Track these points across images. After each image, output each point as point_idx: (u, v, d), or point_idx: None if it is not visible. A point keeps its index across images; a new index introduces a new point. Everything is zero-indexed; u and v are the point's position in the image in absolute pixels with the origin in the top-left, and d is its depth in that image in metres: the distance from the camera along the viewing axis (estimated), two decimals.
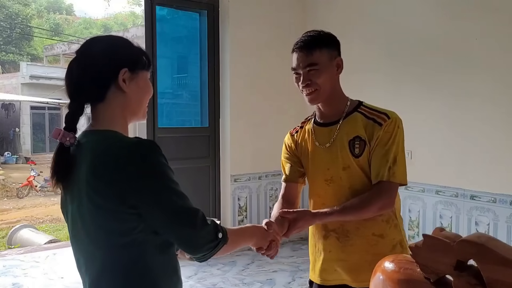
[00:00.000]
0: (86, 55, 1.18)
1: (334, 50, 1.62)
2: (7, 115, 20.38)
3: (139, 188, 1.09)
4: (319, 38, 1.60)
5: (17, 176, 16.21)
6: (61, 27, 35.51)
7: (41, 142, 21.21)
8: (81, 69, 1.17)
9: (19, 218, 12.13)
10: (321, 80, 1.58)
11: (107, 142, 1.14)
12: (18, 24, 29.07)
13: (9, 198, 14.80)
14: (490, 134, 3.36)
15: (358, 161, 1.57)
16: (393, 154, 1.53)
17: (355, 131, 1.58)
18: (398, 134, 1.56)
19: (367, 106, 1.63)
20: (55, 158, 1.16)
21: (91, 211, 1.12)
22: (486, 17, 3.36)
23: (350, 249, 1.61)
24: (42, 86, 20.04)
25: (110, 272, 1.14)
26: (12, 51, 29.02)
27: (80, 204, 1.14)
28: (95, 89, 1.17)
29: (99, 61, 1.17)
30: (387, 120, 1.55)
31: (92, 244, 1.15)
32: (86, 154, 1.13)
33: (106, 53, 1.19)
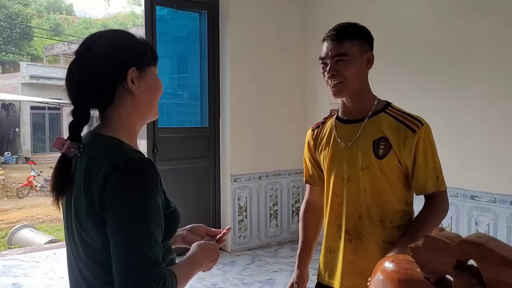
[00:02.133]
0: (87, 56, 1.06)
1: (367, 44, 1.56)
2: (7, 115, 20.38)
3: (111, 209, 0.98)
4: (352, 29, 1.54)
5: (17, 176, 16.21)
6: (61, 27, 35.51)
7: (41, 142, 21.21)
8: (83, 73, 1.04)
9: (19, 218, 12.13)
10: (348, 72, 1.50)
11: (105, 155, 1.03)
12: (18, 24, 29.06)
13: (9, 198, 14.80)
14: (490, 134, 3.36)
15: (380, 163, 1.51)
16: (437, 163, 1.54)
17: (381, 131, 1.52)
18: (433, 141, 1.54)
19: (395, 108, 1.57)
20: (56, 172, 1.06)
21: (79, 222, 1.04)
22: (486, 17, 3.36)
23: (361, 253, 1.56)
24: (42, 86, 20.05)
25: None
26: (12, 51, 29.02)
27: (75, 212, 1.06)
28: (100, 94, 1.05)
29: (102, 62, 1.05)
30: (421, 127, 1.49)
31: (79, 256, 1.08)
32: (85, 160, 1.05)
33: (110, 52, 1.06)
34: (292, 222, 5.01)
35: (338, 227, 1.61)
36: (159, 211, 1.02)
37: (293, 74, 4.89)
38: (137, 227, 0.97)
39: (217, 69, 4.59)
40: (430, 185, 1.51)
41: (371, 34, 1.59)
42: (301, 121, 5.00)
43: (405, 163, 1.51)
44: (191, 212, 4.53)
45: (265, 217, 4.83)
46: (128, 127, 1.11)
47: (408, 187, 1.56)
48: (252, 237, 4.74)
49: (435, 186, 1.52)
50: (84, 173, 1.03)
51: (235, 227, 4.62)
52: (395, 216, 1.55)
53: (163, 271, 1.00)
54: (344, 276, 1.59)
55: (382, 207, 1.54)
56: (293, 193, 5.02)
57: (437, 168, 1.53)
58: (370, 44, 1.58)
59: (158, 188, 1.03)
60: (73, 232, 1.07)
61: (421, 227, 1.48)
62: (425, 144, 1.50)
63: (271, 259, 4.39)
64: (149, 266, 0.96)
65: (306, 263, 1.78)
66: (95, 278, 1.05)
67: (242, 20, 4.55)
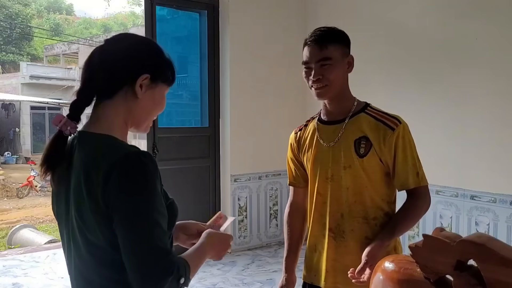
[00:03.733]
0: (113, 46, 1.12)
1: (346, 48, 1.61)
2: (7, 115, 20.38)
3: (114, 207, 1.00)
4: (334, 33, 1.59)
5: (17, 176, 16.21)
6: (61, 27, 35.52)
7: (41, 142, 21.18)
8: (102, 58, 1.10)
9: (19, 218, 12.13)
10: (333, 75, 1.56)
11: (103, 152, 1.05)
12: (18, 24, 29.06)
13: (9, 198, 14.80)
14: (490, 134, 3.35)
15: (362, 161, 1.56)
16: (416, 160, 1.58)
17: (362, 131, 1.58)
18: (411, 138, 1.59)
19: (374, 108, 1.64)
20: (49, 145, 1.07)
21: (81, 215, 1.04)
22: (486, 17, 3.36)
23: (343, 250, 1.60)
24: (42, 86, 20.06)
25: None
26: (12, 51, 29.02)
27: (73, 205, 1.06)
28: (107, 82, 1.08)
29: (122, 56, 1.10)
30: (399, 125, 1.56)
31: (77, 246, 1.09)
32: (81, 158, 1.06)
33: (135, 51, 1.11)
34: None
35: (322, 226, 1.66)
36: (161, 202, 1.05)
37: (293, 74, 4.88)
38: (144, 220, 1.00)
39: (217, 69, 4.59)
40: (411, 180, 1.56)
41: (349, 38, 1.64)
42: (301, 121, 4.96)
43: (385, 160, 1.56)
44: (191, 212, 4.52)
45: (265, 217, 4.82)
46: (120, 127, 1.12)
47: (390, 185, 1.61)
48: (252, 237, 4.74)
49: (416, 181, 1.56)
50: (83, 171, 1.04)
51: (235, 227, 4.62)
52: (377, 214, 1.59)
53: (175, 259, 1.04)
54: (328, 274, 1.64)
55: (364, 204, 1.58)
56: None
57: (417, 164, 1.58)
58: (349, 48, 1.64)
59: (158, 180, 1.05)
60: (74, 231, 1.07)
61: (401, 222, 1.55)
62: (404, 141, 1.55)
63: (271, 259, 4.39)
64: (162, 255, 1.00)
65: (293, 265, 1.85)
66: (99, 277, 1.06)
67: (242, 20, 4.55)
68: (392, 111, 1.66)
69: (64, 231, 1.12)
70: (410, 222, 1.58)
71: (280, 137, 4.88)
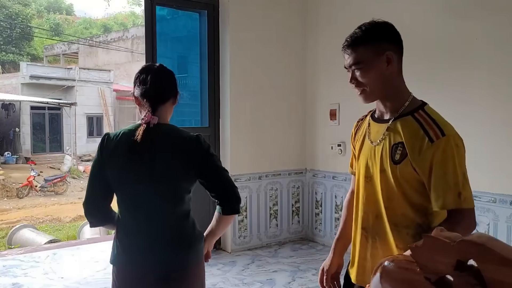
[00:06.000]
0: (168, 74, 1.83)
1: (383, 43, 1.49)
2: (7, 115, 20.39)
3: (204, 162, 1.74)
4: (364, 34, 1.49)
5: (17, 176, 16.22)
6: (61, 27, 35.52)
7: (41, 142, 21.21)
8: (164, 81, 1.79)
9: (19, 218, 12.14)
10: (367, 79, 1.48)
11: (177, 131, 1.78)
12: (18, 24, 29.07)
13: (9, 198, 14.81)
14: (490, 134, 3.36)
15: (395, 168, 1.46)
16: (460, 178, 1.41)
17: (401, 136, 1.46)
18: (458, 154, 1.41)
19: (428, 112, 1.48)
20: (142, 131, 1.67)
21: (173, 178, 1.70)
22: (486, 17, 3.36)
23: (374, 252, 1.56)
24: (42, 86, 20.05)
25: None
26: (12, 51, 29.03)
27: (163, 172, 1.68)
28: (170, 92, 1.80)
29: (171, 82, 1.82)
30: (441, 138, 1.40)
31: (173, 201, 1.73)
32: (166, 137, 1.73)
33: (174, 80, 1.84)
34: (292, 222, 5.01)
35: (356, 222, 1.63)
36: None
37: (293, 74, 4.89)
38: (223, 168, 1.80)
39: (217, 69, 4.59)
40: (449, 201, 1.39)
41: (390, 30, 1.53)
42: (301, 121, 5.00)
43: (421, 172, 1.43)
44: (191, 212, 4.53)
45: (265, 217, 4.82)
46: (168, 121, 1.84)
47: (426, 197, 1.46)
48: (252, 237, 4.74)
49: (456, 203, 1.39)
50: (174, 147, 1.71)
51: (235, 227, 4.62)
52: (410, 224, 1.49)
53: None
54: (359, 270, 1.62)
55: (396, 211, 1.50)
56: (293, 193, 5.02)
57: (459, 183, 1.41)
58: (389, 41, 1.51)
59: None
60: (162, 190, 1.69)
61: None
62: (445, 156, 1.39)
63: (271, 259, 4.39)
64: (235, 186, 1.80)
65: (341, 249, 1.78)
66: (182, 215, 1.77)
67: (242, 20, 4.55)
68: None
69: (137, 184, 1.68)
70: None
71: (280, 137, 4.88)
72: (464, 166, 1.45)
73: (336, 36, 4.77)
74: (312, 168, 5.01)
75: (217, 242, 4.68)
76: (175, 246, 1.70)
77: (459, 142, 1.44)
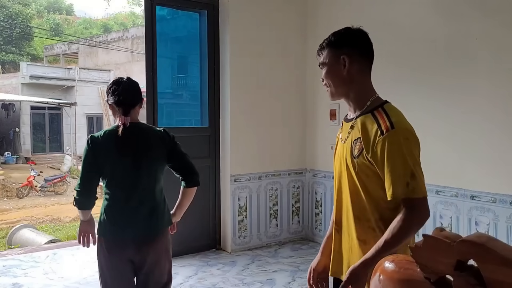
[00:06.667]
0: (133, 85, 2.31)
1: (341, 48, 1.61)
2: (7, 115, 20.38)
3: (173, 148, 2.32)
4: (329, 39, 1.65)
5: (17, 176, 16.21)
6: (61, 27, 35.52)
7: (41, 142, 21.20)
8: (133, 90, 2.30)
9: (19, 218, 12.14)
10: (328, 79, 1.65)
11: (149, 127, 2.37)
12: (18, 24, 29.06)
13: (9, 198, 14.81)
14: (490, 134, 3.36)
15: (355, 162, 1.56)
16: (408, 169, 1.46)
17: (359, 132, 1.57)
18: (406, 146, 1.48)
19: (385, 109, 1.57)
20: (122, 130, 2.18)
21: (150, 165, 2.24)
22: (486, 17, 3.36)
23: (344, 245, 1.68)
24: (42, 86, 20.05)
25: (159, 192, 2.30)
26: (12, 51, 29.02)
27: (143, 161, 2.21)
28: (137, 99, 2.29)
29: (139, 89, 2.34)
30: (391, 130, 1.48)
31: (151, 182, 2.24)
32: (143, 133, 2.26)
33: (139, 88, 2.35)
34: (292, 222, 5.01)
35: (332, 218, 1.77)
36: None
37: (293, 74, 4.89)
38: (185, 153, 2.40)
39: (217, 69, 4.59)
40: (398, 190, 1.46)
41: (353, 36, 1.64)
42: (301, 121, 5.00)
43: (375, 164, 1.51)
44: (191, 212, 4.52)
45: (265, 217, 4.82)
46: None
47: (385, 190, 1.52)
48: (252, 237, 4.74)
49: (404, 192, 1.45)
50: (150, 141, 2.25)
51: (235, 227, 4.62)
52: (371, 216, 1.56)
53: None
54: (333, 263, 1.73)
55: (359, 205, 1.59)
56: (293, 193, 5.02)
57: (407, 173, 1.46)
58: (351, 46, 1.62)
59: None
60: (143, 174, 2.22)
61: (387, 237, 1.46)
62: (393, 148, 1.47)
63: (271, 259, 4.39)
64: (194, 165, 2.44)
65: (330, 249, 1.82)
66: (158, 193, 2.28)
67: (242, 20, 4.55)
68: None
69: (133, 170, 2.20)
70: (397, 237, 1.46)
71: (280, 137, 4.88)
72: (414, 157, 1.50)
73: None
74: (312, 168, 5.01)
75: (217, 242, 4.68)
76: (151, 218, 2.22)
77: (409, 135, 1.52)
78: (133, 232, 2.18)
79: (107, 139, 2.20)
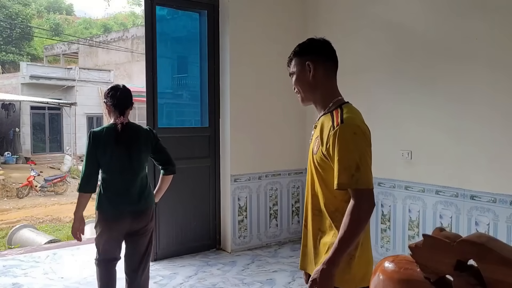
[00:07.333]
0: (127, 91, 2.82)
1: (304, 56, 1.74)
2: (7, 115, 20.38)
3: (156, 143, 2.85)
4: (295, 50, 1.78)
5: (17, 176, 16.21)
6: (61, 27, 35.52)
7: (41, 142, 21.20)
8: (126, 96, 2.81)
9: (19, 218, 12.14)
10: (296, 86, 1.77)
11: (138, 126, 2.87)
12: (18, 24, 29.06)
13: (9, 198, 14.81)
14: (490, 134, 3.35)
15: (314, 158, 1.70)
16: (352, 161, 1.55)
17: (318, 129, 1.70)
18: (353, 140, 1.57)
19: (342, 108, 1.66)
20: (120, 127, 2.73)
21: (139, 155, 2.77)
22: (486, 17, 3.36)
23: (308, 238, 1.77)
24: (42, 86, 20.05)
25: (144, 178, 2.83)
26: (12, 51, 29.03)
27: (134, 152, 2.74)
28: (130, 103, 2.82)
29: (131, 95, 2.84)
30: (340, 125, 1.58)
31: (139, 169, 2.77)
32: (135, 130, 2.79)
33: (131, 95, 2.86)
34: (292, 222, 5.01)
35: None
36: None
37: None
38: (165, 147, 2.92)
39: (217, 69, 4.59)
40: (342, 181, 1.56)
41: (315, 45, 1.76)
42: (300, 121, 5.00)
43: (329, 158, 1.62)
44: (191, 212, 4.53)
45: (265, 217, 4.82)
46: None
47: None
48: (252, 237, 4.74)
49: (349, 183, 1.55)
50: (140, 136, 2.78)
51: (235, 227, 4.62)
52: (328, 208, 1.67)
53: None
54: (301, 258, 1.82)
55: (318, 198, 1.71)
56: (293, 193, 5.02)
57: (352, 165, 1.55)
58: (315, 54, 1.74)
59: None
60: (134, 162, 2.74)
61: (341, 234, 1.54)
62: (340, 141, 1.57)
63: (271, 259, 4.39)
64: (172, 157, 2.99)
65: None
66: (144, 178, 2.81)
67: (242, 20, 4.55)
68: (392, 111, 1.66)
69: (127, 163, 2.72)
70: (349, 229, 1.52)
71: (280, 137, 4.88)
72: (360, 151, 1.58)
73: (336, 36, 4.77)
74: None
75: (217, 242, 4.68)
76: (141, 196, 2.77)
77: (357, 130, 1.60)
78: (125, 207, 2.72)
79: (106, 134, 2.73)
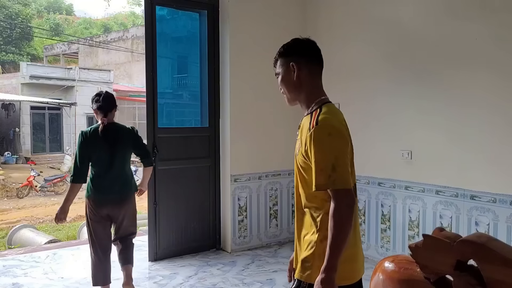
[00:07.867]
0: (110, 96, 3.29)
1: (288, 57, 1.75)
2: (7, 115, 20.36)
3: (137, 140, 3.37)
4: (279, 51, 1.80)
5: (17, 176, 16.21)
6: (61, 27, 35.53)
7: (41, 142, 21.19)
8: (110, 101, 3.27)
9: (19, 218, 12.14)
10: (282, 87, 1.80)
11: (122, 125, 3.35)
12: (18, 24, 29.07)
13: (9, 198, 14.80)
14: (490, 134, 3.35)
15: (297, 159, 1.73)
16: (328, 162, 1.55)
17: (300, 131, 1.73)
18: (329, 141, 1.57)
19: (321, 108, 1.67)
20: (102, 128, 3.18)
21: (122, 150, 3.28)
22: (486, 17, 3.36)
23: (296, 237, 1.80)
24: (42, 86, 20.04)
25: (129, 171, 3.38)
26: (12, 51, 29.03)
27: (117, 148, 3.22)
28: (113, 106, 3.28)
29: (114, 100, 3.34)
30: (315, 126, 1.59)
31: (122, 162, 3.29)
32: (118, 129, 3.28)
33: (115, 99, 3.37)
34: (292, 222, 5.01)
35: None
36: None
37: None
38: (144, 143, 3.51)
39: (217, 69, 4.59)
40: (320, 182, 1.57)
41: (299, 46, 1.78)
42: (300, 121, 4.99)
43: (308, 159, 1.64)
44: (191, 212, 4.53)
45: (265, 217, 4.82)
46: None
47: None
48: (252, 237, 4.74)
49: (326, 184, 1.56)
50: (124, 134, 3.29)
51: (235, 227, 4.62)
52: (311, 208, 1.70)
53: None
54: (295, 258, 1.81)
55: (301, 198, 1.76)
56: (293, 193, 5.01)
57: (328, 166, 1.55)
58: (299, 55, 1.75)
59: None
60: (117, 157, 3.24)
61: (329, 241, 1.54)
62: (315, 143, 1.58)
63: (271, 259, 4.39)
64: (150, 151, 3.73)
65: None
66: (127, 170, 3.35)
67: (242, 20, 4.55)
68: (392, 111, 1.66)
69: (110, 159, 3.21)
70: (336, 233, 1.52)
71: (280, 137, 4.88)
72: (336, 151, 1.58)
73: (336, 36, 4.77)
74: None
75: (217, 242, 4.68)
76: (124, 185, 3.30)
77: (333, 131, 1.60)
78: (111, 195, 3.22)
79: (93, 133, 3.21)
